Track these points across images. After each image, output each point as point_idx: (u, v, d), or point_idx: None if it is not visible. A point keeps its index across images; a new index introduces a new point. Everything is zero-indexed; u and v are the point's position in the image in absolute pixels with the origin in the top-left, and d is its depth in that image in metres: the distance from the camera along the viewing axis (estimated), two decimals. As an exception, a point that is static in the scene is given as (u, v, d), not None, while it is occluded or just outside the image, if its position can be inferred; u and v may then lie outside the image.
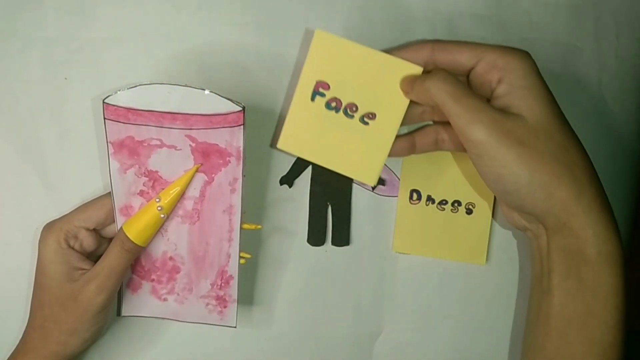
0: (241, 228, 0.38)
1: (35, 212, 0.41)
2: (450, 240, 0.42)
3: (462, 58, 0.34)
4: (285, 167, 0.43)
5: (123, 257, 0.36)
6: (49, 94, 0.40)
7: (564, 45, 0.42)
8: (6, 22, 0.39)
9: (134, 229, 0.36)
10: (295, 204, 0.43)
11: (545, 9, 0.42)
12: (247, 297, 0.44)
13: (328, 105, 0.37)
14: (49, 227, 0.37)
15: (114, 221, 0.38)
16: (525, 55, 0.34)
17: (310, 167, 0.43)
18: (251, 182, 0.41)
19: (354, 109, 0.36)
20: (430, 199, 0.41)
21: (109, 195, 0.37)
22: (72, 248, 0.37)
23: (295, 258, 0.44)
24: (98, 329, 0.38)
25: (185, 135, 0.35)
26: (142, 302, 0.40)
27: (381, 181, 0.43)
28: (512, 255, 0.44)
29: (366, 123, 0.37)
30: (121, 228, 0.37)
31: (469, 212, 0.40)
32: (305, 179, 0.43)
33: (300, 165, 0.43)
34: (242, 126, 0.35)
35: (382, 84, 0.36)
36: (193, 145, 0.36)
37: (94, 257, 0.39)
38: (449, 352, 0.45)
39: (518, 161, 0.32)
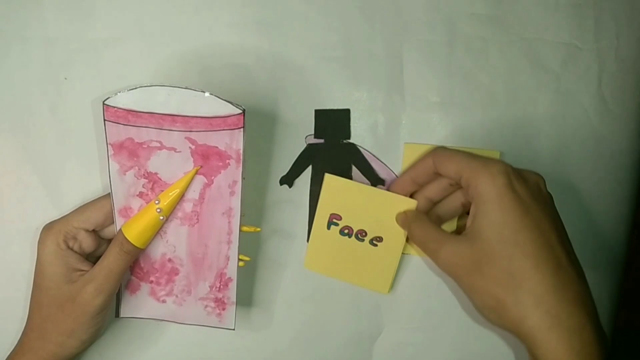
0: (240, 230, 0.38)
1: (34, 213, 0.41)
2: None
3: (451, 171, 0.37)
4: (284, 168, 0.43)
5: (122, 259, 0.36)
6: (49, 94, 0.40)
7: (564, 45, 0.42)
8: (6, 22, 0.39)
9: (133, 231, 0.36)
10: (295, 205, 0.43)
11: (545, 9, 0.42)
12: (246, 298, 0.44)
13: (342, 232, 0.42)
14: (48, 228, 0.37)
15: (113, 222, 0.38)
16: (493, 176, 0.34)
17: (310, 167, 0.43)
18: (251, 184, 0.41)
19: (364, 234, 0.42)
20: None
21: (108, 196, 0.37)
22: (71, 249, 0.37)
23: (294, 259, 0.44)
24: (96, 330, 0.38)
25: (185, 138, 0.35)
26: (140, 304, 0.40)
27: (380, 180, 0.43)
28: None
29: (375, 245, 0.42)
30: (120, 230, 0.37)
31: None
32: (305, 179, 0.43)
33: (300, 165, 0.43)
34: (242, 129, 0.35)
35: (385, 214, 0.41)
36: (193, 147, 0.36)
37: (93, 258, 0.39)
38: (449, 352, 0.45)
39: (468, 290, 0.36)
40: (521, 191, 0.34)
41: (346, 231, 0.42)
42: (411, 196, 0.41)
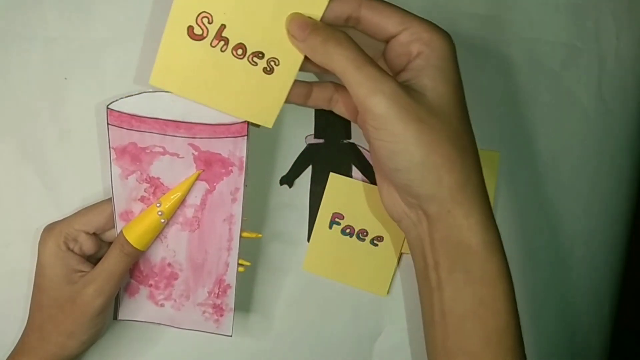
0: (241, 236, 0.38)
1: (35, 213, 0.41)
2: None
3: (390, 23, 0.32)
4: (285, 168, 0.43)
5: (122, 261, 0.36)
6: (49, 94, 0.40)
7: (564, 45, 0.42)
8: (6, 22, 0.39)
9: (134, 233, 0.36)
10: (295, 208, 0.43)
11: (545, 9, 0.42)
12: (246, 302, 0.44)
13: (343, 232, 0.39)
14: (48, 230, 0.37)
15: (114, 226, 0.38)
16: (448, 37, 0.32)
17: (310, 167, 0.43)
18: (251, 184, 0.41)
19: (365, 233, 0.39)
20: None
21: (110, 200, 0.37)
22: (72, 251, 0.37)
23: (295, 263, 0.44)
24: (96, 331, 0.38)
25: (188, 144, 0.35)
26: (139, 307, 0.40)
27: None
28: (510, 255, 0.44)
29: (376, 245, 0.39)
30: (121, 232, 0.37)
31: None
32: (305, 179, 0.43)
33: (300, 165, 0.43)
34: (245, 137, 0.35)
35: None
36: (196, 153, 0.36)
37: (93, 260, 0.38)
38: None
39: (415, 139, 0.30)
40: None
41: (348, 231, 0.42)
42: None
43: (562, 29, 0.42)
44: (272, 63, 0.32)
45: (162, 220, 0.36)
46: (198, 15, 0.31)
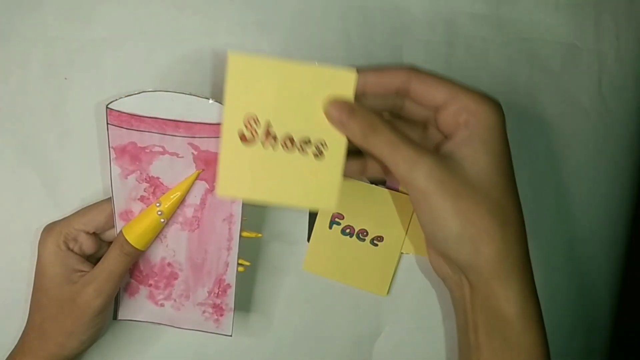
0: (241, 236, 0.38)
1: (35, 213, 0.41)
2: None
3: (438, 94, 0.33)
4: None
5: (122, 261, 0.36)
6: (49, 94, 0.40)
7: (564, 45, 0.42)
8: (6, 22, 0.39)
9: (134, 233, 0.36)
10: (295, 210, 0.43)
11: (545, 9, 0.42)
12: (246, 302, 0.44)
13: (343, 232, 0.38)
14: (48, 229, 0.37)
15: (113, 226, 0.38)
16: (496, 107, 0.33)
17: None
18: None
19: (365, 233, 0.39)
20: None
21: (109, 200, 0.37)
22: (72, 250, 0.37)
23: (294, 263, 0.44)
24: (96, 331, 0.38)
25: (188, 143, 0.35)
26: (138, 307, 0.40)
27: (381, 180, 0.43)
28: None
29: (376, 245, 0.39)
30: (121, 231, 0.37)
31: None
32: (305, 179, 0.43)
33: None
34: None
35: (385, 211, 0.36)
36: (195, 153, 0.36)
37: (93, 259, 0.39)
38: (449, 352, 0.45)
39: (452, 211, 0.31)
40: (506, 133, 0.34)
41: (348, 231, 0.42)
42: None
43: (562, 29, 0.42)
44: (320, 147, 0.33)
45: (162, 220, 0.36)
46: (245, 119, 0.33)
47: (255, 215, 0.42)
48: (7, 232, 0.42)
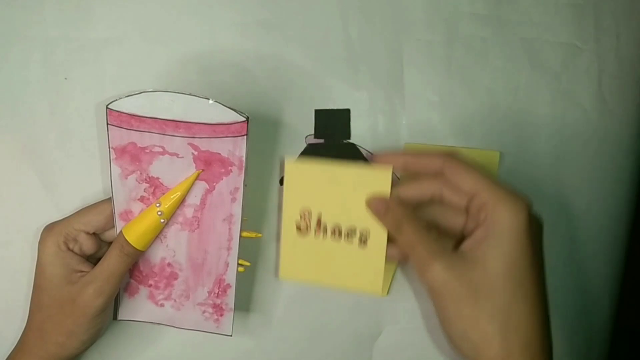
0: (241, 236, 0.38)
1: (35, 213, 0.41)
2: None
3: (465, 185, 0.34)
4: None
5: (122, 261, 0.36)
6: (49, 94, 0.40)
7: (564, 45, 0.42)
8: (6, 22, 0.39)
9: (134, 233, 0.36)
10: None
11: (545, 9, 0.42)
12: (246, 301, 0.44)
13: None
14: (48, 229, 0.37)
15: (113, 226, 0.38)
16: (518, 208, 0.33)
17: (310, 167, 0.43)
18: (251, 184, 0.41)
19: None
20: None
21: (109, 200, 0.37)
22: (72, 251, 0.37)
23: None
24: (96, 331, 0.38)
25: (188, 143, 0.35)
26: (138, 307, 0.40)
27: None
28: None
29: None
30: (121, 232, 0.37)
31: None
32: (305, 179, 0.43)
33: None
34: (245, 136, 0.35)
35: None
36: (195, 153, 0.36)
37: (93, 259, 0.39)
38: (449, 352, 0.45)
39: (455, 316, 0.33)
40: (534, 233, 0.33)
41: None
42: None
43: (562, 29, 0.42)
44: (364, 236, 0.38)
45: (162, 220, 0.36)
46: (301, 213, 0.38)
47: (255, 215, 0.42)
48: (7, 232, 0.42)
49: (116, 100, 0.34)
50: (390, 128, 0.42)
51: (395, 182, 0.37)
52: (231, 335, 0.40)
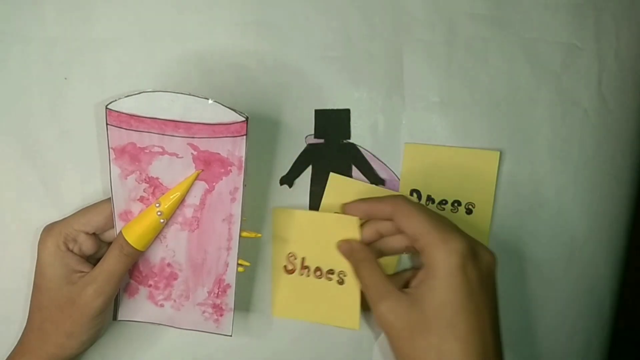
0: (240, 236, 0.38)
1: (35, 213, 0.41)
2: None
3: (410, 229, 0.37)
4: (285, 168, 0.43)
5: (122, 261, 0.36)
6: (49, 94, 0.40)
7: (564, 45, 0.42)
8: (6, 22, 0.39)
9: (133, 233, 0.36)
10: (295, 208, 0.43)
11: (545, 9, 0.42)
12: (246, 301, 0.44)
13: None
14: (48, 230, 0.37)
15: (113, 226, 0.38)
16: (449, 254, 0.34)
17: (310, 167, 0.43)
18: (251, 184, 0.41)
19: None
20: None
21: (109, 200, 0.37)
22: (71, 251, 0.37)
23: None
24: (96, 331, 0.38)
25: (188, 144, 0.35)
26: (138, 307, 0.40)
27: (381, 180, 0.43)
28: (511, 255, 0.44)
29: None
30: (120, 232, 0.37)
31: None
32: (305, 179, 0.43)
33: (300, 165, 0.43)
34: (244, 136, 0.35)
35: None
36: (195, 153, 0.36)
37: (93, 260, 0.39)
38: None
39: (398, 353, 0.36)
40: (471, 274, 0.35)
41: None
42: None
43: (562, 29, 0.42)
44: (342, 276, 0.42)
45: (162, 220, 0.36)
46: (287, 257, 0.43)
47: (255, 215, 0.42)
48: (7, 232, 0.42)
49: (115, 100, 0.34)
50: (390, 128, 0.42)
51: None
52: (231, 335, 0.40)
